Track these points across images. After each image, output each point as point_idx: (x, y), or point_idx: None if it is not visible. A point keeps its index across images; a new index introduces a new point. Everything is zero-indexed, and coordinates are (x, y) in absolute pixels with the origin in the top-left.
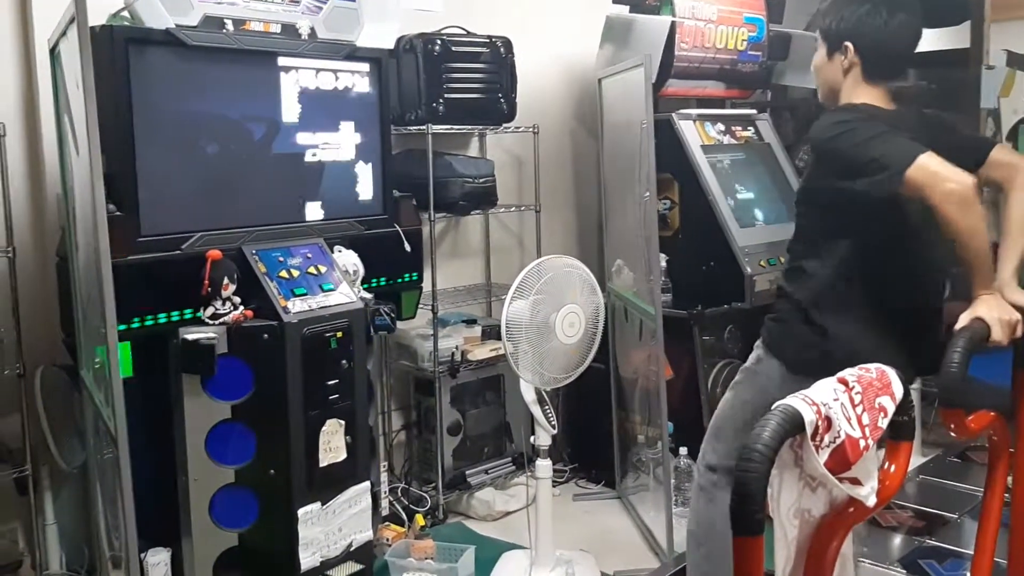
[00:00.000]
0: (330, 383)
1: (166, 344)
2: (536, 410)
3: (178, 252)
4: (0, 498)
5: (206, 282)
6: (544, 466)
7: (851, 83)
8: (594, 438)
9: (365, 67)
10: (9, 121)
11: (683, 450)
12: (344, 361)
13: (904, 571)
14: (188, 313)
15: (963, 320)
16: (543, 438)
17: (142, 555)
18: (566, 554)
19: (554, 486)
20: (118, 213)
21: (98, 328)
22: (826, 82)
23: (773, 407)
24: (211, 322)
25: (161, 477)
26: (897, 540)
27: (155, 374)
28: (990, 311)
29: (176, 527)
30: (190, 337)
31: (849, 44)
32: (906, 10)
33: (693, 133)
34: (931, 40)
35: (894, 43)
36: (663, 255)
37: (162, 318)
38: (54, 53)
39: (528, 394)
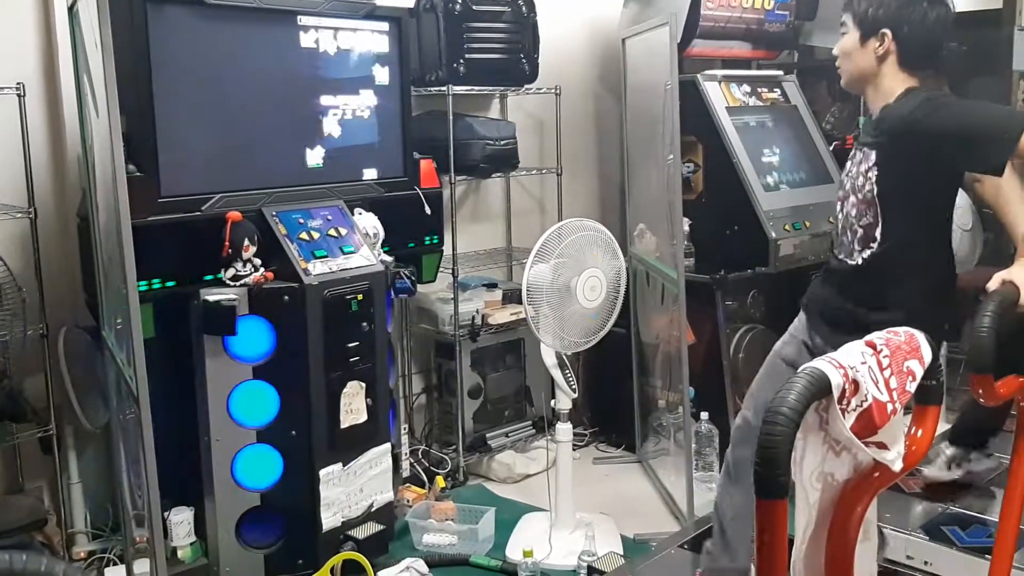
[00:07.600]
0: (351, 345)
1: (187, 305)
2: (556, 374)
3: (198, 213)
4: (25, 457)
5: (227, 243)
6: (564, 429)
7: (888, 71)
8: (614, 402)
9: (385, 26)
10: (29, 82)
11: (704, 415)
12: (365, 323)
13: (926, 537)
14: (209, 275)
15: (994, 283)
16: (563, 402)
17: (165, 514)
18: (586, 516)
19: (574, 449)
20: (138, 174)
21: (119, 289)
22: (856, 68)
23: (800, 369)
24: (232, 283)
25: (184, 437)
26: (920, 506)
27: (177, 335)
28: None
29: (199, 487)
30: (211, 298)
31: (887, 31)
32: (943, 2)
33: (718, 95)
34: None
35: (932, 34)
36: (686, 219)
37: (183, 279)
38: (72, 12)
39: (549, 358)
